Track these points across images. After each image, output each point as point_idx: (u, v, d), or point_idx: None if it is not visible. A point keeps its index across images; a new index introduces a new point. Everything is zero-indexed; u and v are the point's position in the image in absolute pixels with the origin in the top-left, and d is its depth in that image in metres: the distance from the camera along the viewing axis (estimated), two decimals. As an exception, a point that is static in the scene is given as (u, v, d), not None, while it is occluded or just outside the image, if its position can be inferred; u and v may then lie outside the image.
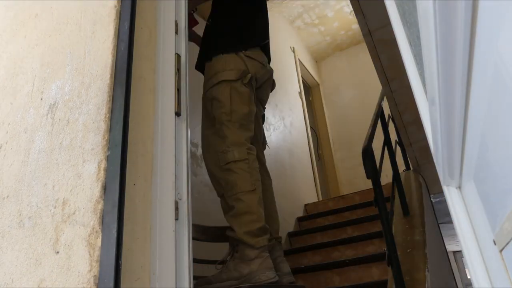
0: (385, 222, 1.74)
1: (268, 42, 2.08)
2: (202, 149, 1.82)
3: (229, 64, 1.78)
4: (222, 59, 1.81)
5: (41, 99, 1.16)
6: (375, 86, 3.18)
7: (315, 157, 4.87)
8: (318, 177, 4.69)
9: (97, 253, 0.86)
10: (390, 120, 2.88)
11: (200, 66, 1.97)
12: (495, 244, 0.51)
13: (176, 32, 1.31)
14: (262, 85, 1.95)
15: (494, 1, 0.33)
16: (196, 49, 2.02)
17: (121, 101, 1.00)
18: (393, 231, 2.05)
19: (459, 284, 5.29)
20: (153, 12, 1.28)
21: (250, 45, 1.88)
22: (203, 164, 2.65)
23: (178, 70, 1.25)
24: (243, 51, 1.83)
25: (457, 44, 0.42)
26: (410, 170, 3.12)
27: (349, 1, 2.53)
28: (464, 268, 6.67)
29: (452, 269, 3.43)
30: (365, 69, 4.79)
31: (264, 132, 2.08)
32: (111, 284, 0.80)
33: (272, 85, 2.06)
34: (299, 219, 3.65)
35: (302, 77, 5.23)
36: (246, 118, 1.73)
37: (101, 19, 1.17)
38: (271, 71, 2.02)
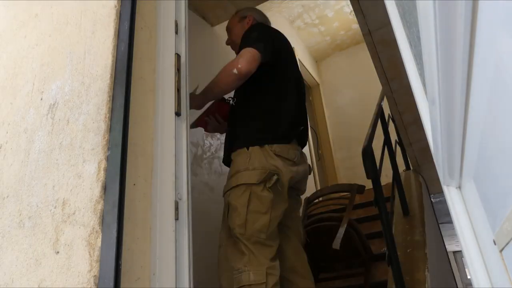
0: (385, 222, 1.74)
1: (306, 127, 1.74)
2: (218, 259, 1.49)
3: (252, 162, 1.47)
4: (245, 154, 1.50)
5: (41, 99, 1.16)
6: (375, 86, 3.18)
7: (315, 157, 4.86)
8: (318, 177, 4.69)
9: (97, 253, 0.86)
10: (390, 120, 2.88)
11: (227, 158, 1.64)
12: (495, 244, 0.51)
13: (176, 32, 1.31)
14: (295, 184, 1.64)
15: (494, 1, 0.33)
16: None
17: (121, 101, 1.00)
18: (393, 231, 2.05)
19: (459, 284, 5.29)
20: (153, 12, 1.28)
21: (278, 138, 1.54)
22: (203, 164, 2.66)
23: (178, 70, 1.25)
24: (269, 145, 1.51)
25: (457, 44, 0.42)
26: (410, 170, 3.12)
27: (349, 1, 2.53)
28: (464, 268, 6.68)
29: (452, 269, 3.43)
30: (365, 69, 4.78)
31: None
32: (111, 284, 0.80)
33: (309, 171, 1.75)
34: (299, 219, 3.65)
35: (302, 77, 5.23)
36: (264, 230, 1.41)
37: (101, 19, 1.17)
38: (305, 167, 1.67)
